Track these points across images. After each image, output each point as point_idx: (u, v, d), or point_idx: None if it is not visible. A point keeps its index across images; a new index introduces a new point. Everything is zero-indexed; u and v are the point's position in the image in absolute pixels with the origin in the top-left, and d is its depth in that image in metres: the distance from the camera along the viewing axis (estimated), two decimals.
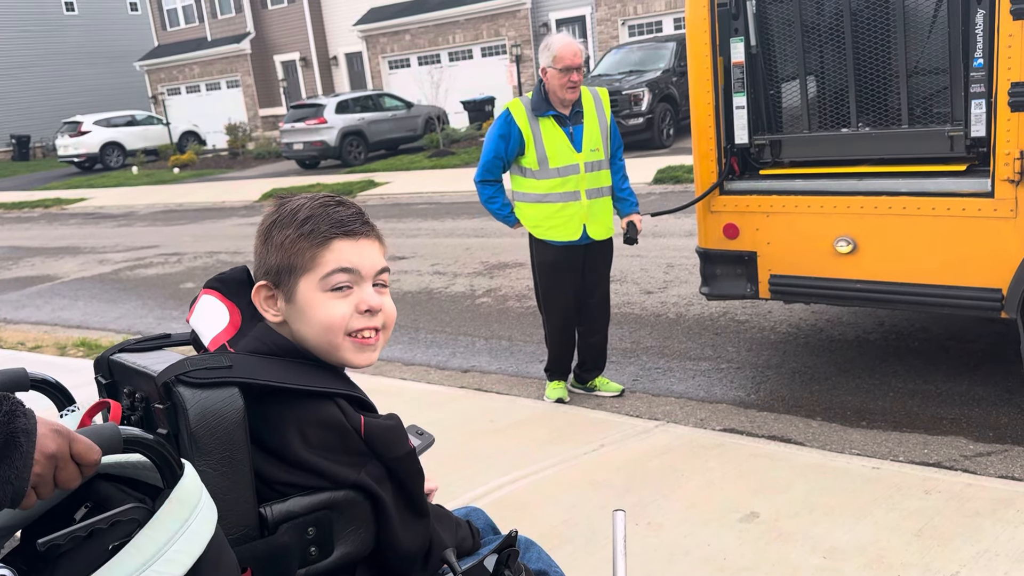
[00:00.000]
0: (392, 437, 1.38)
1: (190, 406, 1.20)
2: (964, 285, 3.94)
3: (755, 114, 4.39)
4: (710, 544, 3.07)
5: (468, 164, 17.29)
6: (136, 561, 1.05)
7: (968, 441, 3.88)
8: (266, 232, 1.40)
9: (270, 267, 1.39)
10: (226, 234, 13.01)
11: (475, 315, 6.89)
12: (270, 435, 1.28)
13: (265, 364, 1.31)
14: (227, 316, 1.39)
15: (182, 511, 1.09)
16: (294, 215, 1.39)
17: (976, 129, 3.78)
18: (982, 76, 3.71)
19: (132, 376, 1.38)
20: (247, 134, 26.90)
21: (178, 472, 1.11)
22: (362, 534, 1.33)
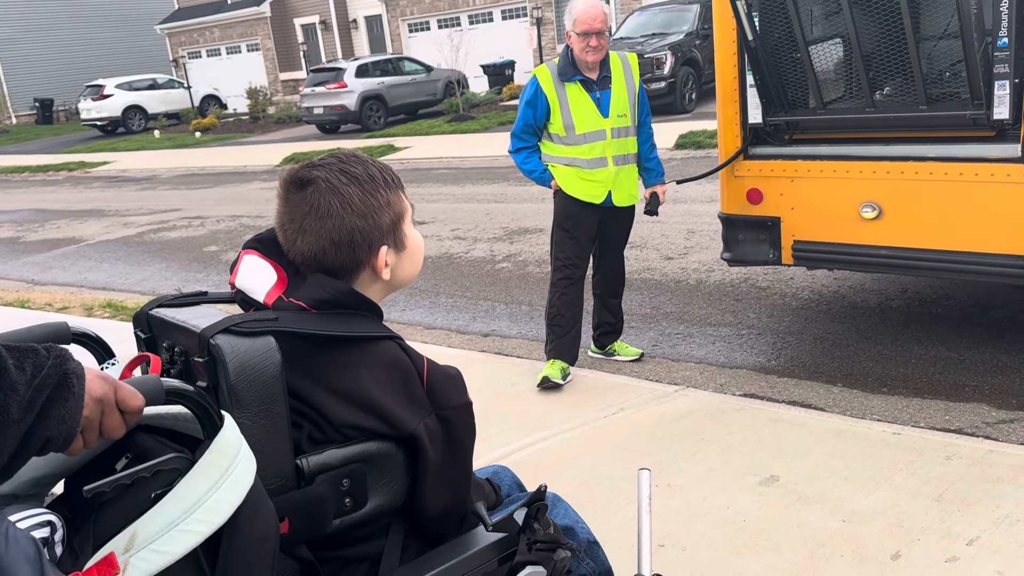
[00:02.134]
0: (453, 386, 1.41)
1: (229, 359, 1.22)
2: (990, 252, 3.89)
3: (765, 96, 4.32)
4: (729, 507, 3.09)
5: (488, 129, 17.21)
6: (178, 509, 1.08)
7: (990, 408, 3.87)
8: (363, 206, 1.41)
9: (385, 228, 1.43)
10: (248, 198, 13.06)
11: (495, 280, 6.91)
12: (341, 376, 1.31)
13: (317, 316, 1.34)
14: (274, 273, 1.40)
15: (223, 461, 1.11)
16: (372, 178, 1.44)
17: (999, 111, 3.66)
18: (1007, 56, 3.59)
19: (171, 331, 1.40)
20: (268, 98, 26.88)
21: (218, 423, 1.13)
22: (394, 486, 1.35)
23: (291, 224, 1.41)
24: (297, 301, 1.35)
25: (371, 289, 1.46)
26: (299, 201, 1.41)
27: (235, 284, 1.44)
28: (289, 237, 1.42)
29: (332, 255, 1.40)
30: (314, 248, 1.40)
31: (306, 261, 1.41)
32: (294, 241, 1.41)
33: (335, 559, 1.34)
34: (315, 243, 1.39)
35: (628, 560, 2.46)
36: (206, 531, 1.09)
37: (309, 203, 1.39)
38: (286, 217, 1.42)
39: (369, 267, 1.44)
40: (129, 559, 1.06)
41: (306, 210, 1.40)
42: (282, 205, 1.43)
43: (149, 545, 1.06)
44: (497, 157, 13.60)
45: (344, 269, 1.42)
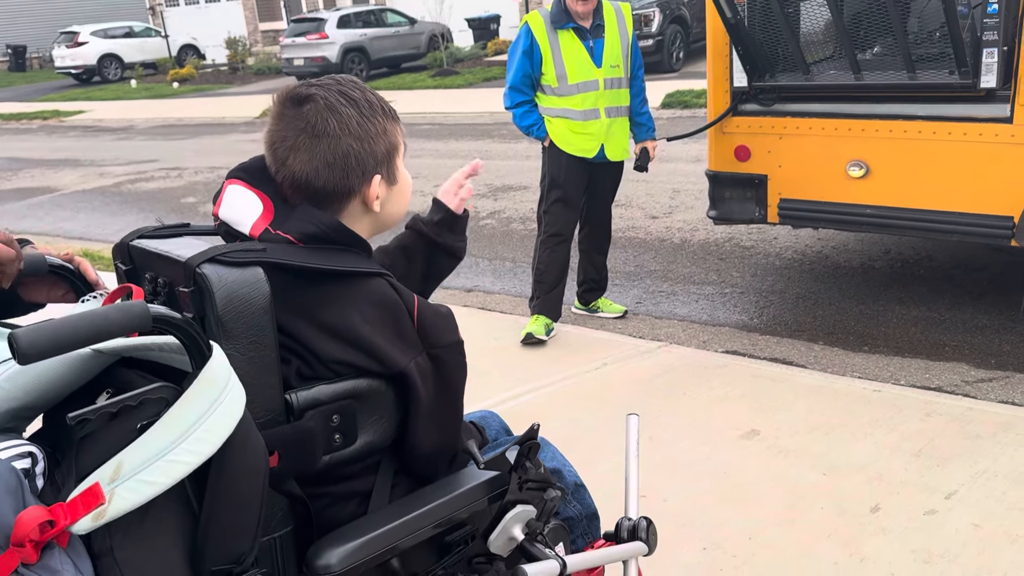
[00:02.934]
0: (444, 324, 1.39)
1: (216, 289, 1.18)
2: (976, 212, 3.91)
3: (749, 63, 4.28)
4: (711, 459, 3.12)
5: (472, 85, 17.00)
6: (166, 439, 1.05)
7: (970, 367, 3.91)
8: (360, 129, 1.36)
9: (379, 156, 1.39)
10: (227, 150, 12.87)
11: (479, 236, 6.86)
12: (330, 313, 1.28)
13: (306, 249, 1.30)
14: (260, 203, 1.35)
15: (211, 391, 1.08)
16: (371, 104, 1.40)
17: (987, 80, 3.62)
18: (996, 23, 3.54)
19: (154, 261, 1.36)
20: (247, 49, 26.36)
21: (206, 353, 1.10)
22: (384, 424, 1.34)
23: (284, 142, 1.35)
24: (284, 234, 1.31)
25: (359, 224, 1.41)
26: (295, 117, 1.35)
27: (219, 215, 1.38)
28: (280, 155, 1.35)
29: (324, 177, 1.34)
30: (306, 168, 1.34)
31: (296, 183, 1.35)
32: (285, 159, 1.35)
33: (324, 495, 1.33)
34: (308, 162, 1.34)
35: (612, 507, 2.48)
36: (195, 461, 1.06)
37: (306, 120, 1.34)
38: (279, 134, 1.36)
39: (360, 197, 1.39)
40: (115, 489, 1.03)
41: (301, 126, 1.34)
42: (276, 121, 1.37)
43: (136, 475, 1.04)
44: (482, 113, 13.45)
45: (335, 195, 1.37)
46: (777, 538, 2.62)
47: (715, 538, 2.65)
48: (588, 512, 1.79)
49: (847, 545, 2.56)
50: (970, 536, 2.55)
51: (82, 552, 1.05)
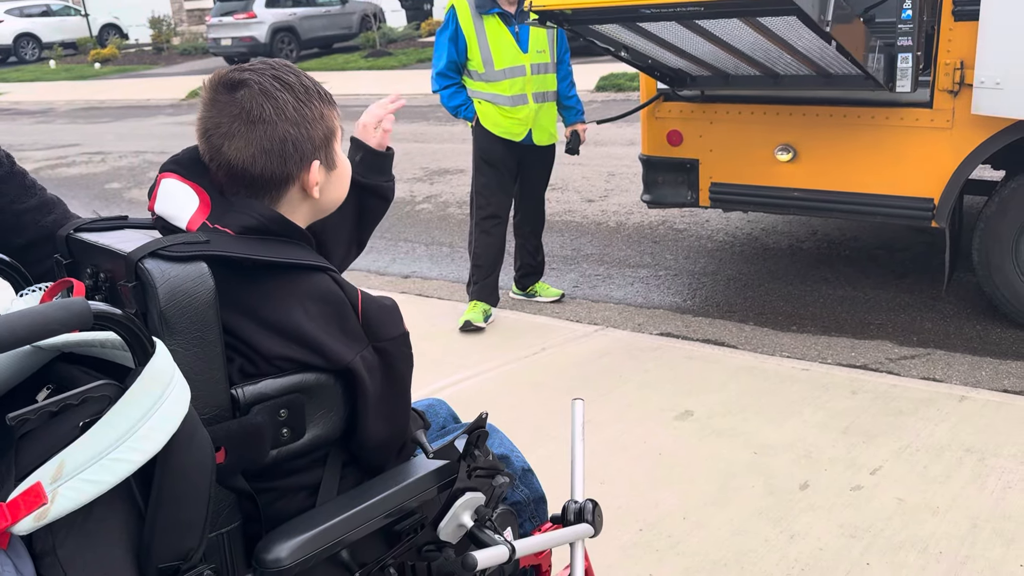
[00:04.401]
0: (388, 317, 1.37)
1: (159, 283, 1.15)
2: (898, 194, 4.03)
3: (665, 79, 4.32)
4: (646, 441, 3.17)
5: (406, 66, 16.82)
6: (110, 437, 1.03)
7: (893, 345, 4.05)
8: (297, 115, 1.33)
9: (317, 142, 1.36)
10: (152, 133, 12.50)
11: (415, 221, 6.82)
12: (272, 309, 1.26)
13: (247, 241, 1.28)
14: (196, 196, 1.31)
15: (155, 387, 1.06)
16: (307, 89, 1.36)
17: (902, 84, 3.72)
18: (910, 28, 3.64)
19: (94, 254, 1.32)
20: (172, 28, 25.60)
21: (149, 349, 1.08)
22: (332, 418, 1.33)
23: (218, 129, 1.31)
24: (223, 228, 1.27)
25: (298, 212, 1.39)
26: (228, 103, 1.31)
27: (155, 210, 1.34)
28: (215, 143, 1.31)
29: (261, 164, 1.31)
30: (242, 155, 1.30)
31: (231, 172, 1.32)
32: (220, 147, 1.31)
33: (272, 489, 1.31)
34: (244, 149, 1.30)
35: (553, 490, 2.51)
36: (140, 460, 1.04)
37: (240, 106, 1.30)
38: (212, 121, 1.32)
39: (298, 183, 1.36)
40: (57, 489, 1.01)
41: (236, 112, 1.30)
42: (208, 108, 1.33)
43: (79, 474, 1.01)
44: (416, 95, 13.32)
45: (272, 183, 1.34)
46: (710, 517, 2.68)
47: (651, 519, 2.70)
48: (536, 496, 1.82)
49: (778, 522, 2.63)
50: (894, 510, 2.65)
51: (23, 553, 1.03)
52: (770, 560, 2.47)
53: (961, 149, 3.84)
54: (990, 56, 3.56)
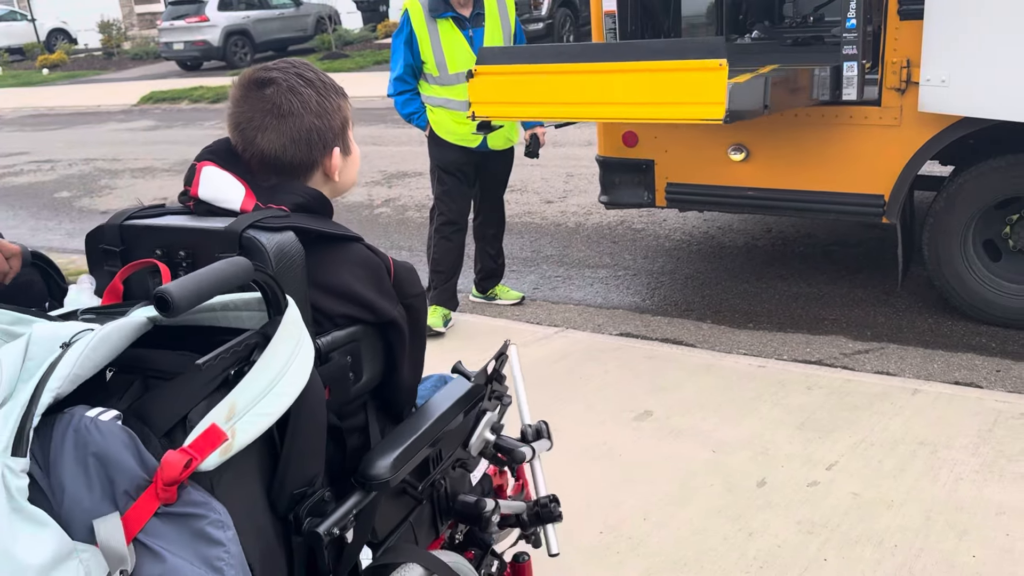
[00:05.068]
0: (412, 278, 1.58)
1: (270, 249, 1.31)
2: (849, 191, 4.09)
3: None
4: (606, 442, 3.17)
5: (363, 68, 16.70)
6: (269, 376, 1.19)
7: (847, 340, 4.11)
8: (319, 107, 1.52)
9: (336, 130, 1.55)
10: (103, 140, 12.25)
11: (374, 225, 6.77)
12: (326, 274, 1.43)
13: (302, 216, 1.44)
14: (238, 182, 1.45)
15: (295, 332, 1.24)
16: (325, 84, 1.56)
17: (848, 92, 3.79)
18: (855, 37, 3.69)
19: (161, 236, 1.44)
20: (122, 32, 25.13)
21: (283, 304, 1.25)
22: (376, 364, 1.53)
23: (251, 122, 1.49)
24: (277, 206, 1.43)
25: (345, 185, 1.63)
26: (260, 99, 1.49)
27: (199, 195, 1.46)
28: (248, 135, 1.49)
29: (291, 153, 1.50)
30: (274, 145, 1.49)
31: (264, 159, 1.50)
32: (253, 139, 1.49)
33: (341, 428, 1.48)
34: (276, 140, 1.48)
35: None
36: (294, 393, 1.21)
37: (271, 101, 1.48)
38: (245, 116, 1.49)
39: (321, 168, 1.55)
40: (235, 425, 1.14)
41: (267, 107, 1.48)
42: (240, 104, 1.50)
43: (251, 410, 1.16)
44: (373, 98, 13.22)
45: (300, 168, 1.52)
46: (670, 517, 2.69)
47: (611, 521, 2.70)
48: None
49: (736, 520, 2.65)
50: (850, 505, 2.69)
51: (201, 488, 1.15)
52: (729, 559, 2.48)
53: (909, 146, 3.90)
54: (935, 54, 3.63)
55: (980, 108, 3.63)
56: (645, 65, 3.19)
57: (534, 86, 3.51)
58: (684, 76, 3.12)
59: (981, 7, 3.50)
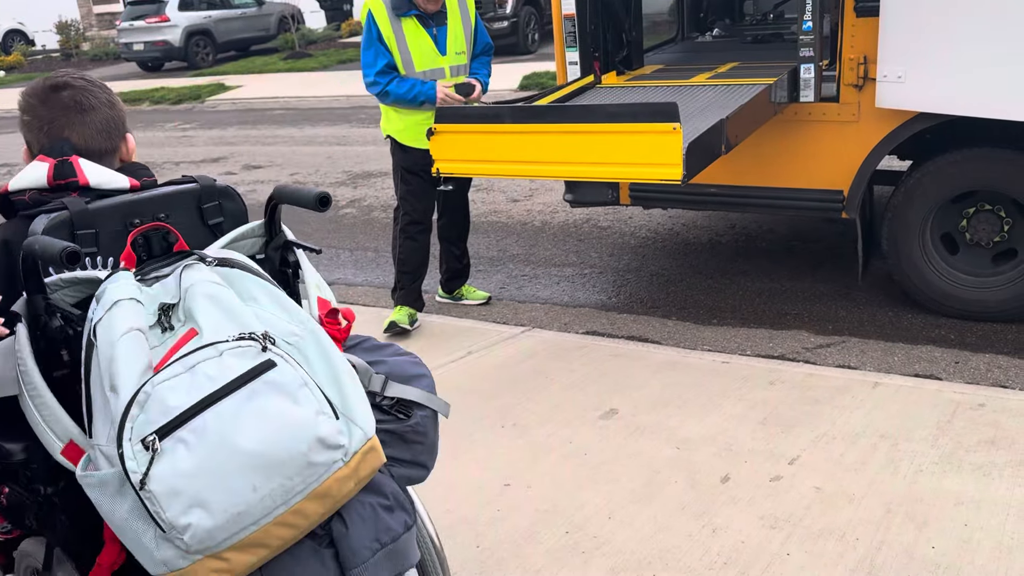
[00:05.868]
0: None
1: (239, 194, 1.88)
2: (809, 187, 4.13)
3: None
4: (572, 441, 3.17)
5: (327, 67, 16.57)
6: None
7: (810, 334, 4.15)
8: (109, 101, 1.78)
9: (124, 119, 1.82)
10: None
11: (339, 226, 6.71)
12: None
13: None
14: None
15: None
16: (99, 82, 1.81)
17: (805, 95, 3.84)
18: (811, 40, 3.73)
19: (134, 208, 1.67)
20: (81, 33, 24.71)
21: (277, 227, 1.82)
22: None
23: (55, 122, 1.69)
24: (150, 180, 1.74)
25: None
26: (59, 101, 1.70)
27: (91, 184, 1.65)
28: (55, 133, 1.69)
29: (98, 142, 1.72)
30: (84, 137, 1.71)
31: (76, 151, 1.69)
32: (60, 135, 1.69)
33: None
34: (84, 132, 1.71)
35: (479, 492, 2.48)
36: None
37: (72, 100, 1.70)
38: (48, 117, 1.69)
39: (119, 153, 1.78)
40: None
41: (70, 106, 1.70)
42: (41, 108, 1.70)
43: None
44: (338, 97, 13.13)
45: (107, 154, 1.75)
46: (635, 515, 2.70)
47: (576, 521, 2.70)
48: None
49: (700, 517, 2.66)
50: (813, 499, 2.71)
51: None
52: (693, 555, 2.49)
53: (867, 141, 3.95)
54: (892, 51, 3.67)
55: (936, 103, 3.69)
56: (603, 127, 3.25)
57: (494, 144, 3.56)
58: (640, 139, 3.18)
59: (937, 4, 3.55)
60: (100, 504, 1.28)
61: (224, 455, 1.24)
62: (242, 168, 9.06)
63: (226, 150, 10.19)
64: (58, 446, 1.39)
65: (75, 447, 1.38)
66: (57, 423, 1.39)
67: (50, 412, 1.40)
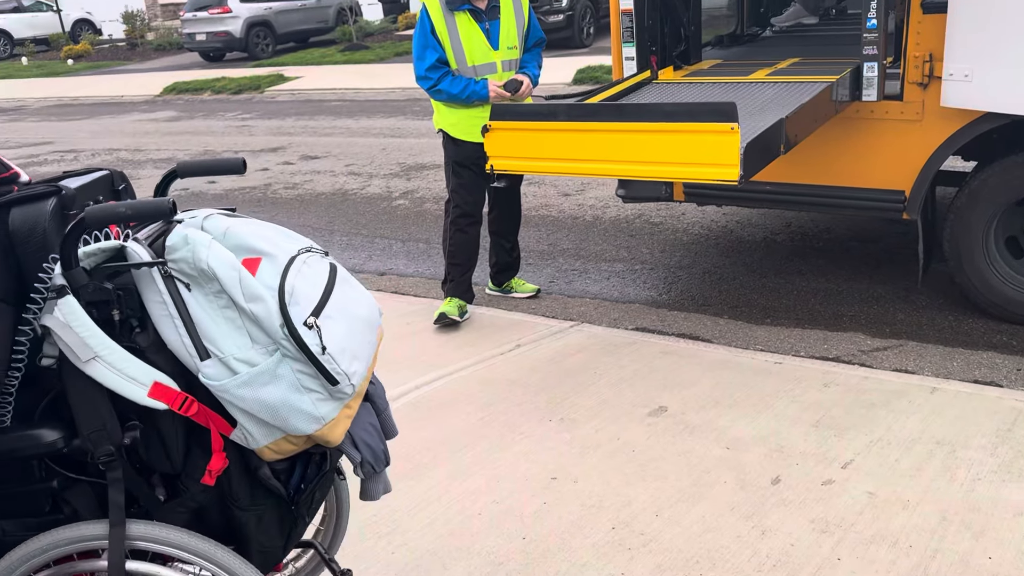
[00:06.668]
0: None
1: None
2: (870, 187, 4.05)
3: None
4: (619, 437, 3.17)
5: (383, 60, 16.72)
6: None
7: (866, 337, 4.07)
8: None
9: None
10: (125, 130, 12.36)
11: (392, 217, 6.78)
12: None
13: None
14: None
15: None
16: None
17: (868, 94, 3.76)
18: (876, 38, 3.65)
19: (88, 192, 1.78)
20: (146, 23, 25.30)
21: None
22: None
23: None
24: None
25: None
26: None
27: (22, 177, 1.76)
28: None
29: None
30: None
31: None
32: None
33: None
34: None
35: (526, 484, 2.48)
36: None
37: None
38: None
39: None
40: None
41: None
42: None
43: None
44: (393, 89, 13.25)
45: None
46: (683, 514, 2.68)
47: (623, 517, 2.69)
48: None
49: (749, 518, 2.64)
50: (865, 504, 2.66)
51: None
52: (742, 557, 2.47)
53: (931, 141, 3.85)
54: (958, 48, 3.58)
55: (1003, 103, 3.58)
56: (659, 126, 3.22)
57: (549, 142, 3.56)
58: (697, 138, 3.14)
59: (1006, 1, 3.44)
60: (243, 399, 1.57)
61: (353, 322, 1.69)
62: (300, 158, 9.20)
63: (284, 140, 10.35)
64: (143, 391, 1.55)
65: (160, 386, 1.57)
66: (138, 369, 1.56)
67: (128, 363, 1.55)
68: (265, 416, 1.59)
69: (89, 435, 1.59)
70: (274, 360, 1.58)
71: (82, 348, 1.53)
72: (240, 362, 1.58)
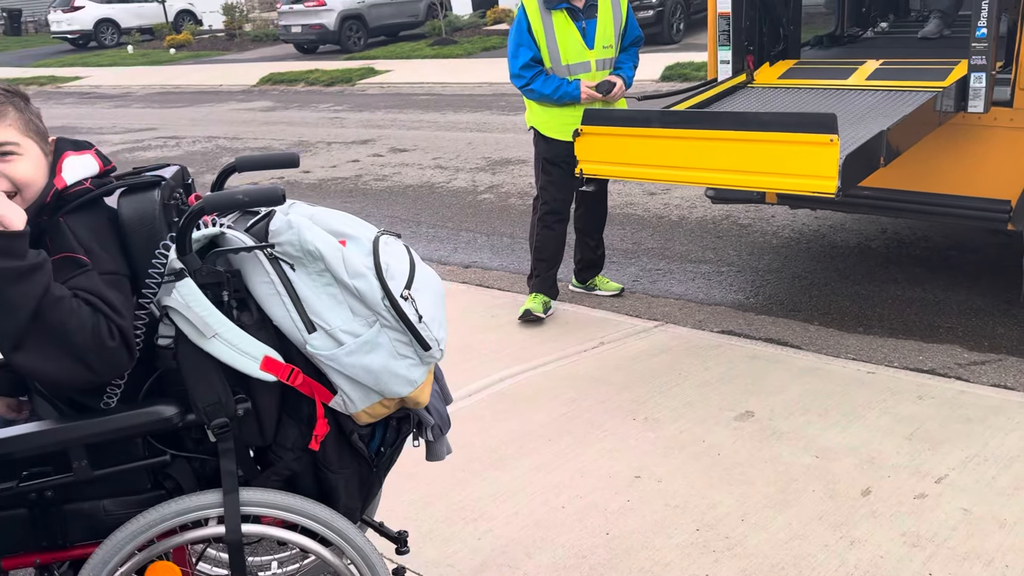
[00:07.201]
0: None
1: None
2: (973, 195, 3.91)
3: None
4: (705, 440, 3.15)
5: (471, 54, 16.87)
6: None
7: (963, 350, 3.94)
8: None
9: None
10: (223, 119, 12.80)
11: (477, 211, 6.86)
12: None
13: None
14: None
15: None
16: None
17: (974, 105, 3.63)
18: (985, 47, 3.51)
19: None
20: (244, 15, 26.10)
21: None
22: None
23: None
24: None
25: None
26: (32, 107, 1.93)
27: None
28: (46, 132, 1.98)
29: None
30: None
31: None
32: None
33: None
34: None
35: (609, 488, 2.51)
36: None
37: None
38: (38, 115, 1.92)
39: None
40: None
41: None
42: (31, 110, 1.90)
43: None
44: (480, 84, 13.38)
45: None
46: (769, 520, 2.66)
47: (708, 520, 2.69)
48: None
49: (838, 528, 2.60)
50: (959, 520, 2.60)
51: None
52: (829, 566, 2.44)
53: None
54: None
55: None
56: (755, 135, 3.18)
57: (640, 148, 3.55)
58: (794, 149, 3.09)
59: None
60: (352, 366, 1.71)
61: (434, 295, 1.83)
62: (389, 151, 9.38)
63: (374, 132, 10.57)
64: (256, 364, 1.67)
65: (270, 360, 1.69)
66: (251, 345, 1.67)
67: (242, 339, 1.67)
68: (368, 381, 1.73)
69: (205, 408, 1.68)
70: (374, 331, 1.72)
71: (205, 326, 1.63)
72: (346, 333, 1.71)
